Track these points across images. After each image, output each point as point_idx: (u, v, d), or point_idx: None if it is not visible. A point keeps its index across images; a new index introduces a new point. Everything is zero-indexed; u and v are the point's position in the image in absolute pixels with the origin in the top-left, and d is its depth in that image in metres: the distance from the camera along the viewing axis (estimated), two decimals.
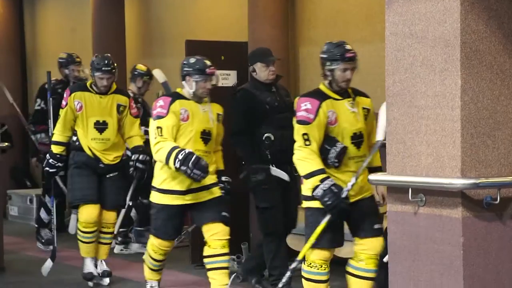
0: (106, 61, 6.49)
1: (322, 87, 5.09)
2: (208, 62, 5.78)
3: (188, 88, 5.72)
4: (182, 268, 7.21)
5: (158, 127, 5.50)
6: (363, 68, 7.09)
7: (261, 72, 6.09)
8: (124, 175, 6.73)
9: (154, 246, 5.90)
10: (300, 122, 4.92)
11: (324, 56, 5.08)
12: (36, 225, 8.59)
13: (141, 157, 6.59)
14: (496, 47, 3.62)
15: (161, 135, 5.50)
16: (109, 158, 6.57)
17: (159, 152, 5.47)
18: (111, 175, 6.61)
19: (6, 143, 7.34)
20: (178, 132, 5.58)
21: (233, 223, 7.53)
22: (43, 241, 8.40)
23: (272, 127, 6.04)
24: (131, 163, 6.62)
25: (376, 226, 5.10)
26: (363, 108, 5.19)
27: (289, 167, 5.91)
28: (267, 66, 6.07)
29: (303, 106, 4.92)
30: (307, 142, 4.89)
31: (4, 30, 11.09)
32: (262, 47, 6.52)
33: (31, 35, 11.73)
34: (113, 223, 6.72)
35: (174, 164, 5.38)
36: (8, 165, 8.83)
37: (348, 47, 5.11)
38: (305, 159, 4.90)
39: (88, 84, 6.61)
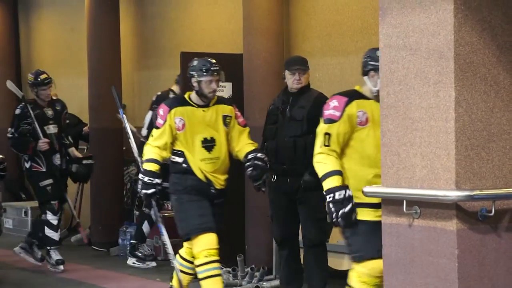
0: (211, 61, 5.79)
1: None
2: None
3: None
4: None
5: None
6: (358, 80, 7.11)
7: (288, 80, 6.03)
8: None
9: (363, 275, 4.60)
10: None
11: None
12: (134, 241, 8.01)
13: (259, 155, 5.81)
14: (490, 59, 3.62)
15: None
16: (220, 181, 5.80)
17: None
18: (219, 201, 5.88)
19: (0, 156, 7.34)
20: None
21: (228, 236, 7.55)
22: (143, 256, 7.97)
23: (277, 136, 6.01)
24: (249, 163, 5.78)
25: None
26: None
27: (289, 179, 5.91)
28: (292, 74, 6.00)
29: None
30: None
31: None
32: (298, 56, 6.49)
33: (26, 47, 11.73)
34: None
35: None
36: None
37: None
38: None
39: (186, 97, 5.83)
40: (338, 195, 4.48)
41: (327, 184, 4.52)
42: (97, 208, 9.01)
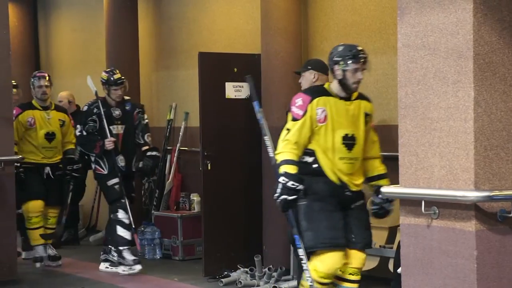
0: (358, 47, 5.06)
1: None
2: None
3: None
4: (195, 281, 7.19)
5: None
6: (376, 79, 7.10)
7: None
8: None
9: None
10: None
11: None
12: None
13: None
14: (509, 58, 3.60)
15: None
16: (356, 183, 5.10)
17: None
18: (357, 204, 5.14)
19: (21, 156, 7.37)
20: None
21: (246, 236, 7.55)
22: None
23: None
24: None
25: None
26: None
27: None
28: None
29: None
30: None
31: (18, 42, 11.14)
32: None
33: (45, 47, 11.79)
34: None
35: None
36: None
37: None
38: None
39: (326, 86, 5.13)
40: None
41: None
42: None
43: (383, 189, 4.03)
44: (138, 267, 7.52)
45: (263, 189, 7.48)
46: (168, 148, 9.00)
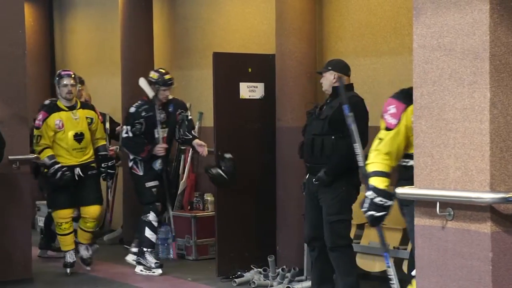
0: None
1: None
2: None
3: None
4: (208, 281, 7.20)
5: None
6: (391, 80, 7.08)
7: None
8: None
9: None
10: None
11: None
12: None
13: None
14: None
15: None
16: None
17: None
18: None
19: (36, 154, 7.38)
20: None
21: (259, 236, 7.55)
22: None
23: (305, 134, 6.04)
24: None
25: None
26: None
27: (310, 177, 5.91)
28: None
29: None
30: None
31: (34, 42, 11.20)
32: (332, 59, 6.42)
33: (60, 46, 11.84)
34: None
35: None
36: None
37: None
38: None
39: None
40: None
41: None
42: (129, 206, 9.07)
43: (397, 190, 4.01)
44: (159, 271, 7.52)
45: (277, 189, 7.48)
46: (182, 148, 9.01)
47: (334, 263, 5.91)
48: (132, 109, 7.64)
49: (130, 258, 7.81)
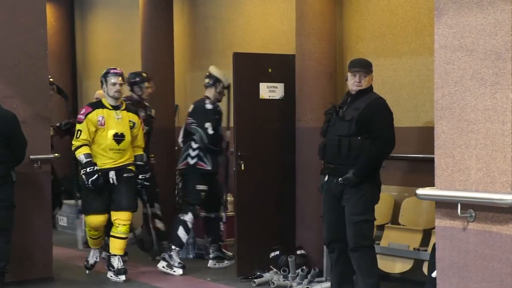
0: None
1: None
2: None
3: None
4: (228, 281, 7.20)
5: None
6: (412, 81, 7.05)
7: (349, 80, 5.97)
8: None
9: None
10: None
11: None
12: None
13: None
14: None
15: None
16: None
17: None
18: None
19: (56, 154, 7.42)
20: None
21: (279, 237, 7.55)
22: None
23: (327, 135, 6.00)
24: None
25: None
26: None
27: (334, 179, 5.87)
28: (353, 75, 5.97)
29: None
30: None
31: (55, 42, 11.28)
32: (362, 58, 6.30)
33: (81, 46, 11.91)
34: None
35: None
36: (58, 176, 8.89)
37: None
38: None
39: None
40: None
41: None
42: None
43: (419, 192, 3.98)
44: (179, 271, 7.53)
45: (297, 190, 7.48)
46: None
47: (355, 264, 5.88)
48: (209, 106, 7.73)
49: (161, 265, 7.80)
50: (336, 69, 7.47)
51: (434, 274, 4.27)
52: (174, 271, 7.54)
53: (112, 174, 7.21)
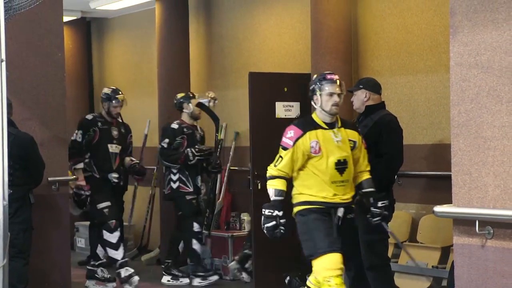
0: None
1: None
2: None
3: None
4: None
5: None
6: (427, 98, 7.04)
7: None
8: None
9: None
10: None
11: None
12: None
13: None
14: None
15: None
16: None
17: None
18: None
19: (74, 176, 7.46)
20: None
21: (297, 256, 7.52)
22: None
23: None
24: None
25: None
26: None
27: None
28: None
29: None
30: None
31: (73, 64, 11.36)
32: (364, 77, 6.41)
33: (98, 68, 11.99)
34: None
35: None
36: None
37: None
38: None
39: None
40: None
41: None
42: (167, 227, 9.10)
43: (436, 209, 3.97)
44: (186, 280, 7.80)
45: None
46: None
47: (372, 283, 5.85)
48: (175, 125, 8.03)
49: (165, 279, 7.89)
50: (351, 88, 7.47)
51: None
52: (181, 281, 7.81)
53: (340, 212, 5.44)
